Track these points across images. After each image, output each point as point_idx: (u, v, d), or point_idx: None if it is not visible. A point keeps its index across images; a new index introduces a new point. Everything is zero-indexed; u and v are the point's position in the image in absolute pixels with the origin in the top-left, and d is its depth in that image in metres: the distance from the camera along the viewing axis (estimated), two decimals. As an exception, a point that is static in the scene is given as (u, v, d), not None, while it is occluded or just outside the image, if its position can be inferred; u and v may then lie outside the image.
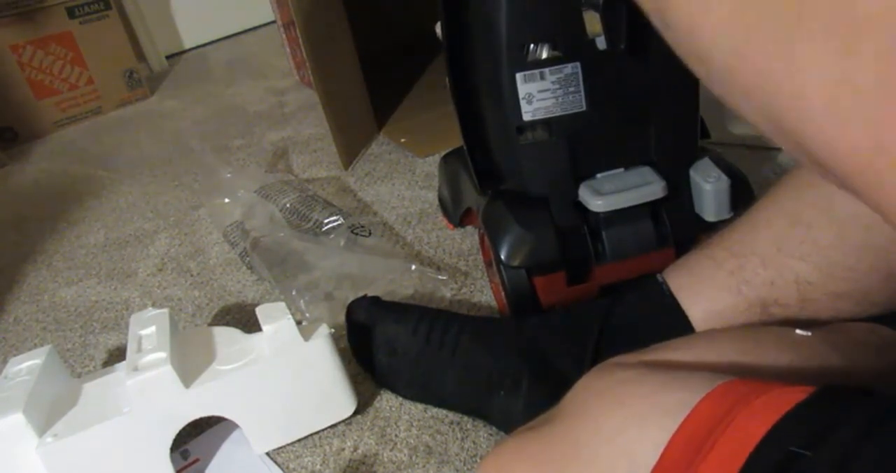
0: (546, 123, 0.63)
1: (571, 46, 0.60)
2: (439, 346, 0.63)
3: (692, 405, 0.32)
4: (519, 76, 0.61)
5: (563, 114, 0.63)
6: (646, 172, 0.65)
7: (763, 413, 0.29)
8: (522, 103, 0.62)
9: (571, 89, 0.62)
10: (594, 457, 0.34)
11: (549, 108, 0.63)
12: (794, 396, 0.29)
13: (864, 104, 0.18)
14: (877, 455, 0.26)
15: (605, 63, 0.61)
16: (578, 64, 0.61)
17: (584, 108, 0.63)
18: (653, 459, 0.32)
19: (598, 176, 0.66)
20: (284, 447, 0.65)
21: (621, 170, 0.66)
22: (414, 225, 0.96)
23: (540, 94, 0.62)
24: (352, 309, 0.69)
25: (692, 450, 0.30)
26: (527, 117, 0.63)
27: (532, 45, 0.61)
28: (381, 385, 0.69)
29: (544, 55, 0.61)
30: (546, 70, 0.61)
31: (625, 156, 0.66)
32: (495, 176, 0.70)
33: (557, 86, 0.62)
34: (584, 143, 0.65)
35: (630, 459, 0.33)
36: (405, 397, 0.67)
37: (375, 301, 0.70)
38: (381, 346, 0.66)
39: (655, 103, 0.64)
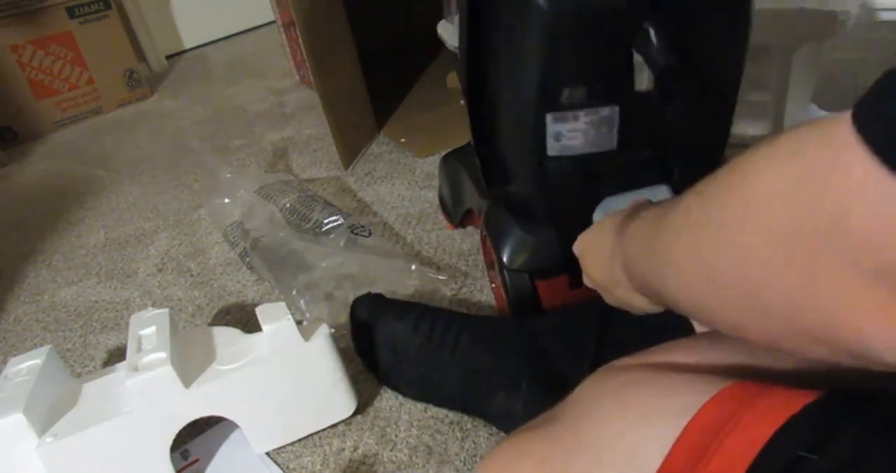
0: (572, 159, 0.59)
1: (609, 89, 0.55)
2: (440, 345, 0.63)
3: (697, 407, 0.32)
4: (549, 116, 0.56)
5: (591, 151, 0.58)
6: (661, 191, 0.62)
7: (769, 416, 0.29)
8: (549, 140, 0.57)
9: (604, 129, 0.57)
10: (598, 458, 0.34)
11: (577, 147, 0.57)
12: (800, 398, 0.29)
13: None
14: (884, 458, 0.26)
15: (641, 104, 0.57)
16: (617, 108, 0.56)
17: (615, 147, 0.58)
18: (657, 461, 0.31)
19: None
20: (284, 447, 0.65)
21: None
22: (414, 225, 0.96)
23: (570, 134, 0.57)
24: (355, 306, 0.69)
25: (697, 453, 0.30)
26: (552, 153, 0.58)
27: (568, 89, 0.55)
28: (383, 382, 0.69)
29: (580, 98, 0.55)
30: (580, 112, 0.56)
31: (644, 182, 0.63)
32: (504, 183, 0.69)
33: (590, 126, 0.57)
34: (608, 175, 0.61)
35: (635, 461, 0.33)
36: (406, 395, 0.67)
37: (378, 298, 0.70)
38: (383, 344, 0.66)
39: (684, 143, 0.61)
